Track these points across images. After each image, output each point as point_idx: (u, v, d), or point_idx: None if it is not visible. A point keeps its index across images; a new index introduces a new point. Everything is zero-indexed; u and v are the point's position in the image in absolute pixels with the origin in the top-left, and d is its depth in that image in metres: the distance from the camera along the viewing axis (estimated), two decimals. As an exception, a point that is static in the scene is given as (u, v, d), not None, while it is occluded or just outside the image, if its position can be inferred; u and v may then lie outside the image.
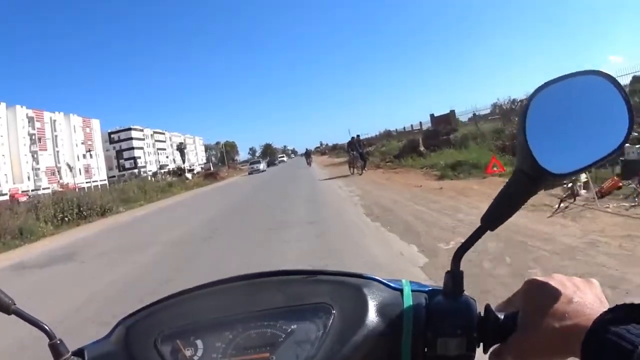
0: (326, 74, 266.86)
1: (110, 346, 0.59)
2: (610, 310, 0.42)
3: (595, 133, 0.46)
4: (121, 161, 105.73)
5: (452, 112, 25.29)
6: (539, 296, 0.49)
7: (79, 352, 0.58)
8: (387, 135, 41.66)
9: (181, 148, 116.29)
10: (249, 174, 50.51)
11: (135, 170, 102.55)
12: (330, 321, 0.55)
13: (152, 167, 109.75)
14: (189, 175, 51.88)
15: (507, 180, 0.51)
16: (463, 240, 0.54)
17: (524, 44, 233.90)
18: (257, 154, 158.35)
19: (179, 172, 46.93)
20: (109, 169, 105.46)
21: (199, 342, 0.56)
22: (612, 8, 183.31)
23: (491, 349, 0.53)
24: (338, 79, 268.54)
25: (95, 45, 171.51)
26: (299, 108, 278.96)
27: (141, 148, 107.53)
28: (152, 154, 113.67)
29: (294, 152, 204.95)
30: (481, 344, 0.53)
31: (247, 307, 0.58)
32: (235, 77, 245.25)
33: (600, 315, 0.42)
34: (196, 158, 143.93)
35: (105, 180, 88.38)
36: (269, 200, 15.11)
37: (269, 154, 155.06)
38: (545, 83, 0.47)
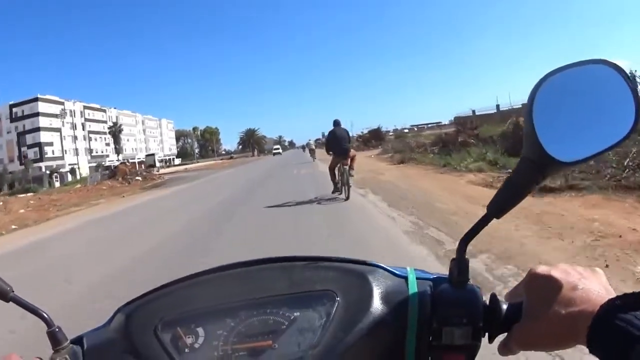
0: (330, 64, 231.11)
1: (110, 334, 0.58)
2: (617, 297, 0.42)
3: (603, 122, 0.45)
4: (24, 149, 69.40)
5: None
6: (543, 285, 0.48)
7: (78, 340, 0.57)
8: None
9: (114, 131, 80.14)
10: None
11: (42, 165, 66.53)
12: (334, 309, 0.55)
13: (80, 159, 73.60)
14: None
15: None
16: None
17: (524, 47, 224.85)
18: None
19: None
20: (10, 160, 69.54)
21: (200, 330, 0.55)
22: (616, 10, 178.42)
23: (497, 339, 0.53)
24: (341, 69, 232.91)
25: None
26: (298, 96, 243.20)
27: (56, 130, 70.98)
28: (81, 139, 77.29)
29: (291, 144, 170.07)
30: (486, 334, 0.53)
31: (250, 294, 0.57)
32: (227, 59, 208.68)
33: (608, 301, 0.42)
34: (160, 147, 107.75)
35: None
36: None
37: (252, 143, 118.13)
38: (552, 71, 0.47)
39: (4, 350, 0.55)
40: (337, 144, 9.62)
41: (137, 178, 28.49)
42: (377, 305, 0.54)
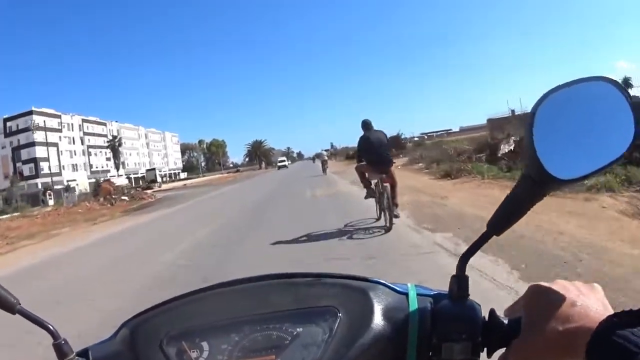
0: (334, 73, 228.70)
1: (115, 347, 0.58)
2: (616, 314, 0.42)
3: (602, 139, 0.46)
4: (19, 165, 66.10)
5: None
6: (542, 300, 0.49)
7: (84, 353, 0.57)
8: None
9: (114, 144, 76.77)
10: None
11: (38, 181, 63.04)
12: (337, 324, 0.55)
13: (79, 175, 70.14)
14: None
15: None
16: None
17: (528, 50, 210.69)
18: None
19: None
20: (5, 177, 66.18)
21: (204, 344, 0.56)
22: (618, 12, 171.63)
23: (496, 354, 0.53)
24: (348, 78, 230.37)
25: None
26: (305, 107, 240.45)
27: (53, 144, 67.67)
28: (80, 154, 74.02)
29: (299, 155, 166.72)
30: (485, 349, 0.53)
31: (253, 309, 0.58)
32: (230, 69, 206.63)
33: (606, 318, 0.42)
34: (165, 161, 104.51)
35: None
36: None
37: (259, 155, 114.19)
38: (553, 89, 0.47)
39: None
40: (373, 152, 6.96)
41: (122, 198, 24.56)
42: (378, 321, 0.54)
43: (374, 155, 6.95)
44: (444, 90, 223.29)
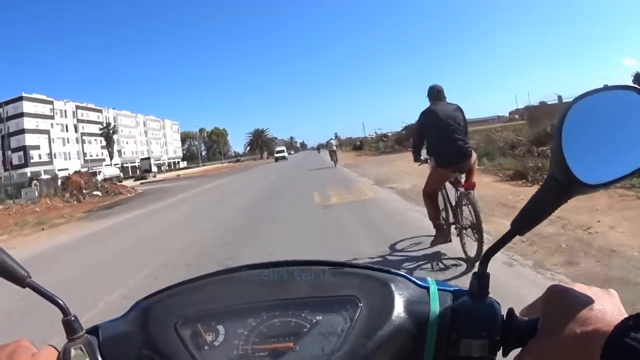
0: (338, 64, 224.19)
1: (127, 326, 0.57)
2: (630, 316, 0.42)
3: (629, 146, 0.46)
4: (8, 153, 62.46)
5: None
6: (559, 302, 0.49)
7: (94, 330, 0.56)
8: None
9: (107, 132, 72.92)
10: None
11: (27, 170, 59.55)
12: (357, 314, 0.54)
13: (71, 164, 66.66)
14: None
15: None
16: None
17: (529, 47, 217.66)
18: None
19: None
20: (-6, 165, 62.74)
21: (220, 328, 0.55)
22: (625, 9, 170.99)
23: (512, 354, 0.53)
24: (351, 70, 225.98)
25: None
26: (309, 97, 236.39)
27: (45, 132, 64.10)
28: (72, 142, 70.42)
29: (302, 145, 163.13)
30: (501, 348, 0.53)
31: (272, 295, 0.57)
32: (234, 58, 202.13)
33: (621, 321, 0.42)
34: (164, 149, 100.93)
35: None
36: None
37: (261, 145, 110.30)
38: (584, 94, 0.49)
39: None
40: (442, 137, 4.28)
41: (95, 193, 20.94)
42: (399, 313, 0.54)
43: (444, 144, 4.25)
44: (445, 85, 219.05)
